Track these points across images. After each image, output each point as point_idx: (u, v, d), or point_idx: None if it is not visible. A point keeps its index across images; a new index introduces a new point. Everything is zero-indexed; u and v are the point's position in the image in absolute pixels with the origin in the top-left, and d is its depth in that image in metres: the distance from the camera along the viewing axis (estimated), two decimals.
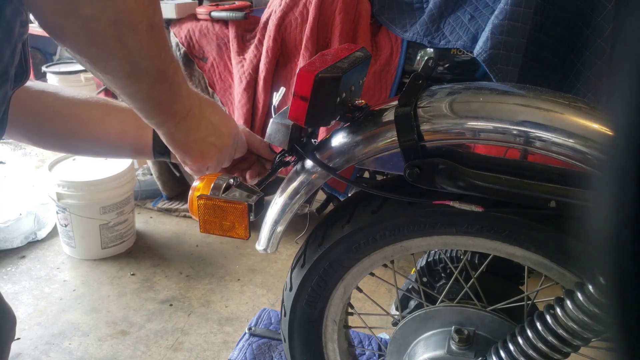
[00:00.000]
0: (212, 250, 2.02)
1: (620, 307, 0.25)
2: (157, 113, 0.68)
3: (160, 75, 0.63)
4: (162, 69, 0.62)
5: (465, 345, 0.86)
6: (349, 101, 0.79)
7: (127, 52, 0.57)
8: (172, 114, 0.69)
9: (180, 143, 0.74)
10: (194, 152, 0.76)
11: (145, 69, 0.60)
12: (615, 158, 0.23)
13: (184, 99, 0.69)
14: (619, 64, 0.23)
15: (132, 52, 0.57)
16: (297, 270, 0.92)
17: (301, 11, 1.76)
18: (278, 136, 0.80)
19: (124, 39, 0.55)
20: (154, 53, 0.60)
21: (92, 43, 0.55)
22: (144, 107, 0.67)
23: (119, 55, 0.57)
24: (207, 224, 0.77)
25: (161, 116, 0.69)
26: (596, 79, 1.43)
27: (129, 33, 0.55)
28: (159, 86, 0.64)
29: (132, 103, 0.66)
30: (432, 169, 0.74)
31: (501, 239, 0.78)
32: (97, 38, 0.54)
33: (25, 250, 2.00)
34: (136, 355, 1.53)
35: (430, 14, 1.65)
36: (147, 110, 0.67)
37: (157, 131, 0.73)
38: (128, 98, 0.65)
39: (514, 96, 0.76)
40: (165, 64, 0.63)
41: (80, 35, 0.54)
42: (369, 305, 1.55)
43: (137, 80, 0.61)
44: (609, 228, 0.23)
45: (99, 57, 0.57)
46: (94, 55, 0.57)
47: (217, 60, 1.95)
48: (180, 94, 0.68)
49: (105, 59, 0.57)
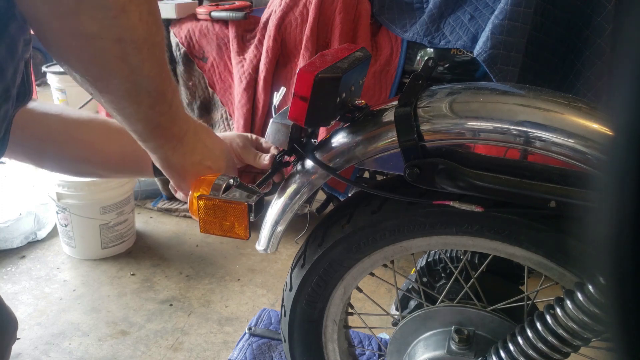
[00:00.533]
0: (212, 250, 2.03)
1: (620, 307, 0.25)
2: (155, 136, 0.68)
3: (160, 96, 0.62)
4: (162, 90, 0.62)
5: (465, 345, 0.86)
6: (349, 101, 0.79)
7: (129, 70, 0.57)
8: (170, 137, 0.69)
9: (176, 167, 0.73)
10: (191, 176, 0.75)
11: (146, 89, 0.60)
12: (615, 158, 0.23)
13: (181, 122, 0.69)
14: (619, 64, 0.23)
15: (134, 70, 0.57)
16: (297, 270, 0.92)
17: (301, 11, 1.76)
18: (278, 136, 0.80)
19: (127, 57, 0.55)
20: (155, 73, 0.60)
21: (95, 61, 0.55)
22: (142, 129, 0.66)
23: (121, 73, 0.57)
24: (207, 224, 0.77)
25: (159, 139, 0.68)
26: (596, 79, 1.43)
27: (133, 51, 0.55)
28: (158, 107, 0.63)
29: (129, 125, 0.65)
30: (432, 169, 0.74)
31: (501, 239, 0.78)
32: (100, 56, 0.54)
33: (25, 250, 2.00)
34: (136, 355, 1.53)
35: (430, 14, 1.65)
36: (145, 133, 0.67)
37: (153, 155, 0.72)
38: (126, 120, 0.64)
39: (514, 96, 0.76)
40: (165, 84, 0.62)
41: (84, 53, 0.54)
42: (369, 305, 1.55)
43: (137, 100, 0.61)
44: (609, 228, 0.23)
45: (101, 75, 0.57)
46: (95, 73, 0.56)
47: (217, 60, 1.95)
48: (178, 117, 0.68)
49: (106, 77, 0.57)
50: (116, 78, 0.57)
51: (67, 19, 0.51)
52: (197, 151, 0.74)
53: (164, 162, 0.73)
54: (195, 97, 2.04)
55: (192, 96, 2.04)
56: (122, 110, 0.62)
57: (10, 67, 0.56)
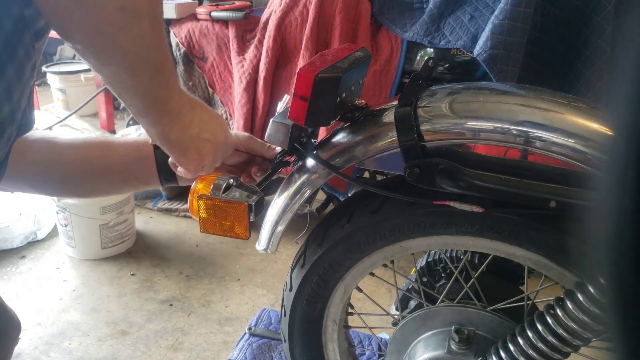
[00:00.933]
0: (212, 250, 2.03)
1: (620, 307, 0.25)
2: (153, 110, 0.68)
3: (159, 68, 0.63)
4: (161, 62, 0.63)
5: (465, 345, 0.86)
6: (349, 101, 0.79)
7: (132, 41, 0.57)
8: (167, 111, 0.69)
9: (175, 142, 0.74)
10: (191, 150, 0.75)
11: (147, 61, 0.61)
12: (615, 158, 0.23)
13: (177, 96, 0.69)
14: (619, 64, 0.23)
15: (136, 41, 0.58)
16: (297, 270, 0.92)
17: (301, 11, 1.76)
18: (278, 136, 0.80)
19: (129, 26, 0.56)
20: (155, 43, 0.60)
21: (98, 30, 0.55)
22: (141, 103, 0.66)
23: (124, 44, 0.57)
24: (207, 224, 0.77)
25: (156, 114, 0.69)
26: (596, 79, 1.43)
27: (135, 20, 0.56)
28: (157, 79, 0.64)
29: (128, 99, 0.65)
30: (432, 169, 0.74)
31: (501, 239, 0.78)
32: (103, 25, 0.54)
33: (25, 250, 2.00)
34: (136, 355, 1.53)
35: (430, 14, 1.65)
36: (144, 107, 0.67)
37: (151, 131, 0.72)
38: (125, 93, 0.64)
39: (514, 96, 0.76)
40: (164, 56, 0.63)
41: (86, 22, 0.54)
42: (369, 305, 1.55)
43: (138, 72, 0.61)
44: (609, 228, 0.23)
45: (104, 46, 0.57)
46: (98, 43, 0.57)
47: (217, 60, 1.95)
48: (174, 90, 0.68)
49: (109, 48, 0.57)
50: (119, 49, 0.57)
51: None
52: (194, 124, 0.74)
53: (163, 138, 0.73)
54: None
55: None
56: (122, 83, 0.62)
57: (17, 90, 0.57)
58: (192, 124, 0.73)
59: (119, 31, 0.56)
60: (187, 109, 0.72)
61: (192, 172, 0.80)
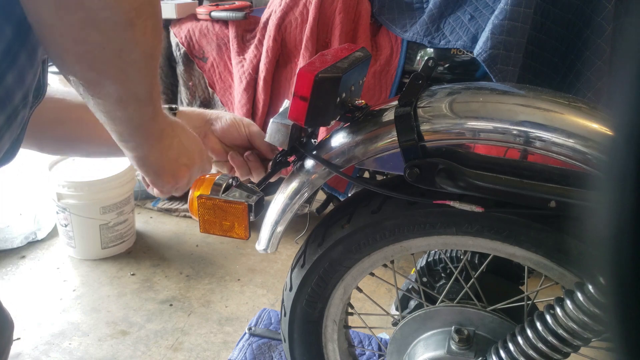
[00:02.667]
0: (212, 250, 2.02)
1: (620, 307, 0.25)
2: (137, 136, 0.67)
3: (148, 99, 0.62)
4: (150, 93, 0.62)
5: (465, 345, 0.86)
6: (349, 101, 0.79)
7: (125, 78, 0.57)
8: (149, 135, 0.69)
9: (153, 165, 0.73)
10: (167, 173, 0.75)
11: (137, 95, 0.60)
12: (615, 158, 0.23)
13: (161, 119, 0.69)
14: (619, 64, 0.23)
15: (130, 78, 0.57)
16: (297, 270, 0.92)
17: (301, 11, 1.76)
18: (278, 136, 0.80)
19: (125, 67, 0.55)
20: (148, 80, 0.60)
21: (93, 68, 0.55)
22: (125, 130, 0.66)
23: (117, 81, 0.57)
24: (207, 224, 0.77)
25: (139, 138, 0.68)
26: (596, 79, 1.43)
27: (131, 62, 0.56)
28: (144, 109, 0.63)
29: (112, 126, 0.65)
30: (432, 169, 0.74)
31: (501, 239, 0.78)
32: (100, 64, 0.54)
33: (25, 250, 2.00)
34: (136, 355, 1.53)
35: (430, 14, 1.65)
36: (127, 133, 0.66)
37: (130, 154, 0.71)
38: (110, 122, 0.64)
39: (514, 96, 0.76)
40: (154, 87, 0.62)
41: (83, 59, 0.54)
42: (369, 305, 1.55)
43: (127, 104, 0.61)
44: (609, 228, 0.23)
45: (97, 81, 0.57)
46: (91, 79, 0.56)
47: (217, 60, 1.95)
48: (159, 114, 0.68)
49: (102, 83, 0.57)
50: (112, 85, 0.57)
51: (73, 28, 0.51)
52: (173, 147, 0.73)
53: (141, 160, 0.72)
54: (195, 97, 2.04)
55: (192, 96, 2.04)
56: (109, 114, 0.62)
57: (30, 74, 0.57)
58: (172, 146, 0.73)
59: (115, 70, 0.55)
60: (168, 131, 0.72)
61: (166, 194, 0.79)
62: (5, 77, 0.53)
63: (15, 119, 0.57)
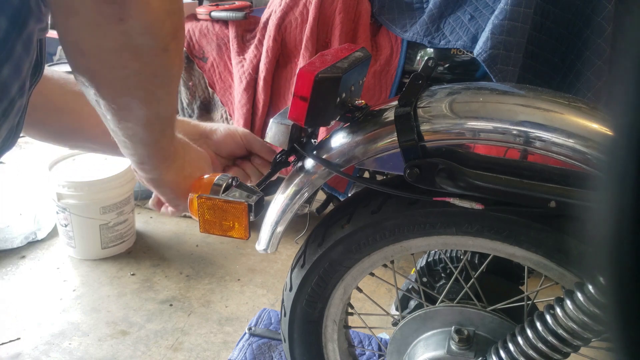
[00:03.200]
0: (212, 250, 2.02)
1: (620, 307, 0.25)
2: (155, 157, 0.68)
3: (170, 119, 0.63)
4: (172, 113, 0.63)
5: (465, 346, 0.86)
6: (349, 101, 0.79)
7: (155, 100, 0.58)
8: (167, 156, 0.70)
9: (170, 184, 0.74)
10: (183, 191, 0.76)
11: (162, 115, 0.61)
12: (615, 158, 0.23)
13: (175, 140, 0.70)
14: (619, 64, 0.23)
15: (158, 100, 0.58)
16: (297, 270, 0.92)
17: (301, 11, 1.76)
18: (278, 136, 0.80)
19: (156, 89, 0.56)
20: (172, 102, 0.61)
21: (127, 92, 0.55)
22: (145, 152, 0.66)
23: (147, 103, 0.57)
24: (207, 224, 0.77)
25: (157, 160, 0.69)
26: (596, 79, 1.43)
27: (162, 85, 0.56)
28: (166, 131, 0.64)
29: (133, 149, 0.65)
30: (432, 169, 0.74)
31: (501, 239, 0.78)
32: (134, 89, 0.54)
33: (25, 250, 2.00)
34: (136, 355, 1.53)
35: (430, 14, 1.65)
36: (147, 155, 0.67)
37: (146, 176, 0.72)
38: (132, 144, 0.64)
39: (514, 96, 0.76)
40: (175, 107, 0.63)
41: (118, 84, 0.54)
42: (369, 305, 1.55)
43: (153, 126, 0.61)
44: (609, 228, 0.23)
45: (128, 105, 0.57)
46: (122, 103, 0.56)
47: (217, 60, 1.95)
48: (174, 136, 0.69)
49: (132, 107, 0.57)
50: (141, 109, 0.57)
51: (110, 54, 0.51)
52: (186, 164, 0.75)
53: (158, 182, 0.73)
54: (195, 97, 2.04)
55: (192, 96, 2.04)
56: (134, 137, 0.62)
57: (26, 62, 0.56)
58: (185, 164, 0.74)
59: (146, 94, 0.55)
60: (180, 150, 0.73)
61: (181, 212, 0.80)
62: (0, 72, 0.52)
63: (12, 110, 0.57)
